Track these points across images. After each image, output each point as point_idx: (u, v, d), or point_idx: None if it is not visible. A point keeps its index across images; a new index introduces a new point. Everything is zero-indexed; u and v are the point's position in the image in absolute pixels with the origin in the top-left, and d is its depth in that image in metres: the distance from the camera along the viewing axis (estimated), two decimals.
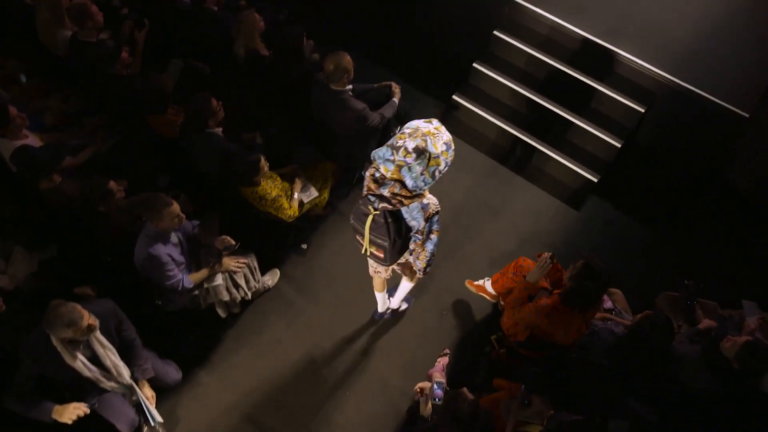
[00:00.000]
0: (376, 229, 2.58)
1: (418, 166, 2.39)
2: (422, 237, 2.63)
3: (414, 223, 2.59)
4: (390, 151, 2.44)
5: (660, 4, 4.32)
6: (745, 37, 4.14)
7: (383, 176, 2.46)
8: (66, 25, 3.98)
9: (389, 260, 2.71)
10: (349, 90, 3.65)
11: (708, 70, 3.92)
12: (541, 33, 4.39)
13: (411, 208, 2.53)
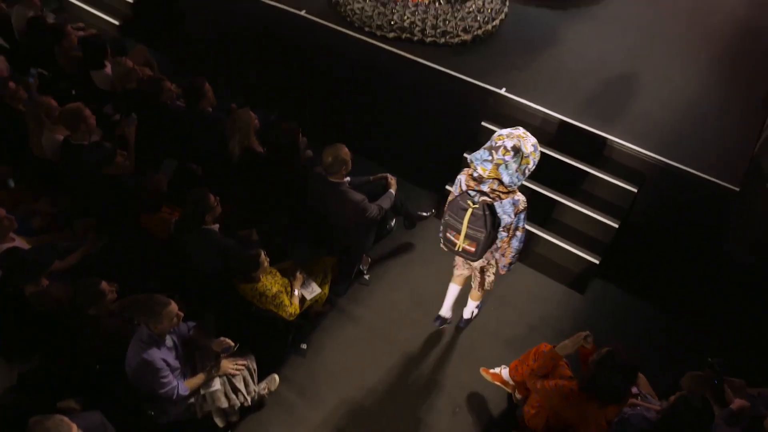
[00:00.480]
0: (474, 222, 2.88)
1: (513, 164, 2.78)
2: (508, 234, 3.02)
3: (505, 218, 2.93)
4: (488, 153, 2.84)
5: (639, 92, 4.56)
6: (724, 115, 4.36)
7: (481, 176, 2.86)
8: (56, 130, 3.98)
9: (479, 254, 2.98)
10: (348, 182, 3.65)
11: (693, 148, 4.06)
12: (528, 122, 4.55)
13: (504, 204, 2.89)
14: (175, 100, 4.36)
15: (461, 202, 2.89)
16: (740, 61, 5.00)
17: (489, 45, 5.07)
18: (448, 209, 2.98)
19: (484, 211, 2.84)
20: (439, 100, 4.95)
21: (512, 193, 2.90)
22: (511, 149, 2.77)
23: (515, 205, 2.91)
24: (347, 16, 5.23)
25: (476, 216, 2.86)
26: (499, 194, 2.86)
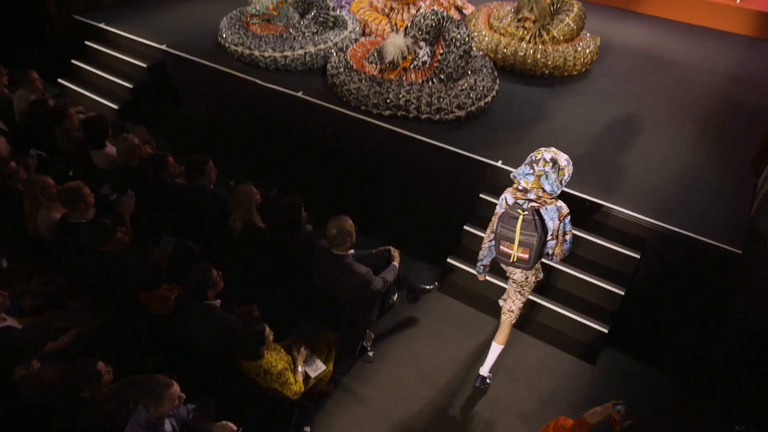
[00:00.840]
0: (526, 228, 3.22)
1: (552, 174, 3.21)
2: (556, 241, 3.36)
3: (550, 223, 3.28)
4: (529, 167, 3.27)
5: (631, 160, 4.69)
6: (715, 180, 4.48)
7: (525, 188, 3.26)
8: (53, 208, 3.93)
9: (533, 261, 3.30)
10: (352, 254, 3.61)
11: (690, 212, 4.13)
12: None
13: (549, 209, 3.27)
14: (175, 178, 4.38)
15: (512, 212, 3.26)
16: (723, 130, 5.22)
17: (482, 120, 5.24)
18: (499, 222, 3.33)
19: (533, 216, 3.21)
20: (436, 174, 5.03)
21: (554, 200, 3.29)
22: (549, 161, 3.22)
23: (559, 211, 3.30)
24: (343, 96, 5.41)
25: (527, 222, 3.22)
26: (545, 200, 3.26)
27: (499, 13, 6.36)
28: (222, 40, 6.24)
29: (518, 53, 5.92)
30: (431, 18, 5.36)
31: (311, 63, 5.96)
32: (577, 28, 6.02)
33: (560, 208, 3.29)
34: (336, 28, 6.21)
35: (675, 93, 5.81)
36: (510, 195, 3.36)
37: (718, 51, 6.73)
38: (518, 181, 3.30)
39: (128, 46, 6.79)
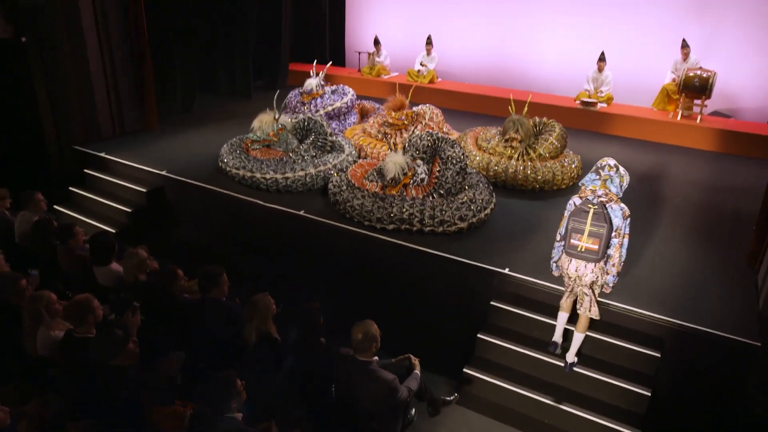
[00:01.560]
0: (596, 219, 3.74)
1: (616, 178, 3.87)
2: (619, 239, 3.83)
3: (616, 221, 3.78)
4: (595, 174, 3.91)
5: (631, 261, 4.82)
6: (716, 277, 4.62)
7: (593, 190, 3.85)
8: (54, 325, 3.78)
9: (601, 252, 3.76)
10: (377, 360, 3.51)
11: (703, 309, 4.20)
12: (534, 297, 4.65)
13: (614, 208, 3.79)
14: (183, 292, 4.31)
15: (584, 207, 3.80)
16: (711, 232, 5.51)
17: (484, 231, 5.41)
18: (571, 218, 3.85)
19: (603, 209, 3.73)
20: (445, 285, 5.06)
21: (618, 201, 3.83)
22: (613, 166, 3.90)
23: (622, 211, 3.82)
24: (347, 212, 5.56)
25: (597, 214, 3.74)
26: (612, 196, 3.81)
27: (486, 135, 6.84)
28: (223, 164, 6.48)
29: (509, 170, 6.28)
30: (427, 139, 5.74)
31: (311, 184, 6.18)
32: (560, 146, 6.48)
33: (623, 208, 3.83)
34: (334, 152, 6.55)
35: (658, 202, 6.16)
36: (578, 198, 3.92)
37: (689, 165, 7.27)
38: (586, 188, 3.89)
39: (127, 173, 6.99)
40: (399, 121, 6.95)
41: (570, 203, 3.97)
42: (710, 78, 7.69)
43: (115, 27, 7.60)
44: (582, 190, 3.92)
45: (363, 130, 7.33)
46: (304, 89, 7.93)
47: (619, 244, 3.86)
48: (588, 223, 3.75)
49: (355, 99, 8.08)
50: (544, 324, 4.48)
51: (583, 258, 3.82)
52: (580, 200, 3.87)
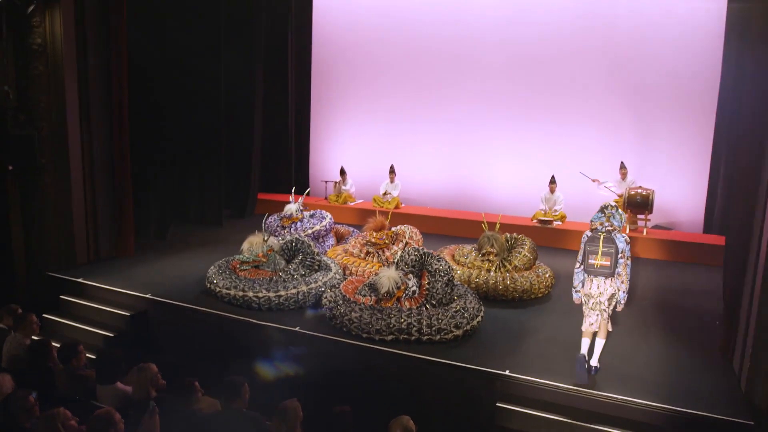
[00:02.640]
0: (606, 242, 4.91)
1: (617, 215, 5.06)
2: (624, 260, 4.97)
3: (621, 245, 4.94)
4: (600, 213, 5.08)
5: (614, 352, 5.23)
6: (693, 363, 5.06)
7: (601, 223, 5.03)
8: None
9: (612, 268, 4.93)
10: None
11: (697, 394, 4.58)
12: (537, 397, 4.90)
13: (618, 236, 4.96)
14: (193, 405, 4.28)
15: (596, 235, 4.98)
16: (682, 328, 6.04)
17: (477, 338, 5.72)
18: (587, 244, 5.02)
19: (610, 235, 4.92)
20: (448, 393, 5.22)
21: (620, 231, 5.05)
22: (614, 206, 5.13)
23: (624, 238, 4.99)
24: (344, 326, 5.77)
25: (606, 239, 4.91)
26: (615, 228, 4.99)
27: (462, 251, 7.40)
28: (212, 285, 6.61)
29: (489, 281, 6.77)
30: (414, 254, 6.21)
31: (303, 301, 6.39)
32: (533, 258, 7.10)
33: (625, 236, 5.02)
34: (321, 271, 6.85)
35: (628, 304, 6.73)
36: (589, 231, 5.09)
37: (643, 272, 8.02)
38: (594, 223, 5.07)
39: (107, 298, 6.97)
40: (381, 241, 7.42)
41: (584, 236, 5.11)
42: (650, 195, 8.78)
43: (99, 158, 7.95)
44: (592, 224, 5.10)
45: (345, 250, 7.73)
46: (284, 214, 8.37)
47: (625, 264, 4.98)
48: (600, 246, 4.93)
49: (333, 223, 8.57)
50: (551, 420, 4.70)
51: (600, 273, 4.97)
52: (591, 232, 5.06)
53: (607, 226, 5.00)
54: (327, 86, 12.21)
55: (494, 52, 10.62)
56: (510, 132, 10.69)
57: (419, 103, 11.35)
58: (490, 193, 10.80)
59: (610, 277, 4.95)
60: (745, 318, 5.01)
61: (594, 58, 9.96)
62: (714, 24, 9.10)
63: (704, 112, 9.33)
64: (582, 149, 10.04)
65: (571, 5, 10.04)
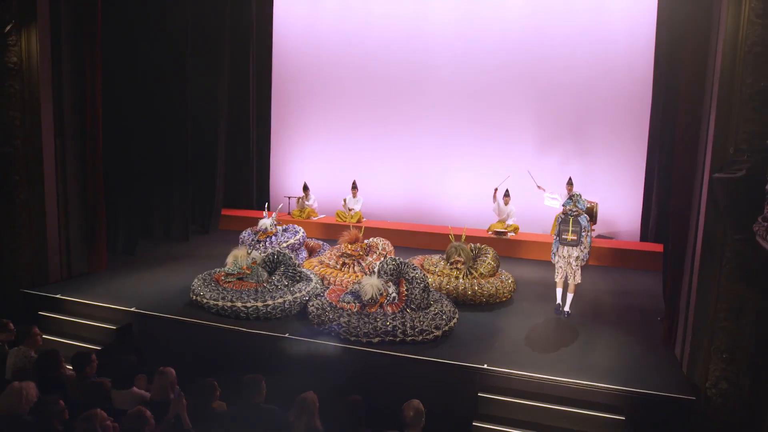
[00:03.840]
0: (574, 223, 6.84)
1: (580, 200, 6.96)
2: (586, 233, 6.90)
3: (584, 223, 6.88)
4: (569, 200, 7.03)
5: (586, 349, 6.01)
6: (647, 353, 5.89)
7: (570, 209, 6.91)
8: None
9: (578, 240, 6.86)
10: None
11: (648, 378, 5.40)
12: (515, 387, 5.58)
13: (581, 217, 6.86)
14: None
15: (567, 217, 6.89)
16: (630, 323, 6.89)
17: (454, 338, 6.37)
18: (561, 224, 6.95)
19: (576, 217, 6.83)
20: (433, 387, 5.80)
21: (583, 212, 6.92)
22: (578, 194, 7.03)
23: (585, 218, 6.93)
24: (332, 330, 6.26)
25: (575, 221, 6.83)
26: (579, 211, 6.87)
27: (431, 260, 8.07)
28: (198, 297, 6.95)
29: (459, 288, 7.45)
30: (392, 263, 6.80)
31: (289, 309, 6.84)
32: (496, 266, 7.85)
33: (585, 217, 6.91)
34: (302, 281, 7.32)
35: (580, 305, 7.58)
36: (562, 213, 7.02)
37: (590, 277, 8.92)
38: (565, 207, 6.95)
39: (87, 312, 7.16)
40: (355, 252, 7.97)
41: (558, 217, 7.17)
42: (594, 207, 9.79)
43: (72, 175, 8.10)
44: (564, 208, 6.98)
45: (320, 262, 8.22)
46: (258, 228, 8.77)
47: (587, 235, 6.91)
48: (570, 225, 6.84)
49: (305, 237, 9.04)
50: (526, 406, 5.39)
51: (570, 244, 6.90)
52: (564, 214, 6.95)
53: (574, 210, 6.87)
54: (287, 105, 12.70)
55: (447, 73, 11.49)
56: (464, 148, 11.54)
57: (378, 120, 12.04)
58: (446, 207, 11.58)
59: (578, 246, 6.88)
60: (683, 314, 5.91)
61: (538, 82, 10.99)
62: (645, 48, 10.30)
63: (637, 135, 10.52)
64: (530, 165, 11.00)
65: (518, 34, 11.05)
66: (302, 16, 12.48)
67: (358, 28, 12.04)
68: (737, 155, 4.86)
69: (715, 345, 5.17)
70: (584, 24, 10.71)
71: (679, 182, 6.07)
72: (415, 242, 10.62)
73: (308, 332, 6.42)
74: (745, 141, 4.91)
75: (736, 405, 5.10)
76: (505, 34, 11.16)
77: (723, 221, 5.00)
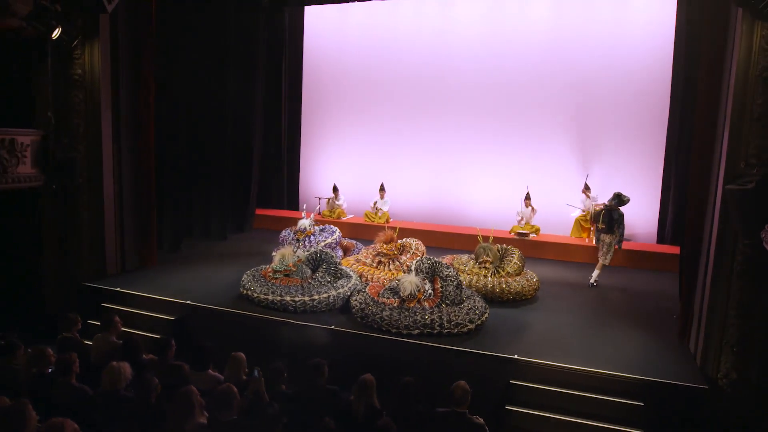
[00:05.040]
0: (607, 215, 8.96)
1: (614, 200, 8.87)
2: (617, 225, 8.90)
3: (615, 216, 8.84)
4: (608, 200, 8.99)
5: (605, 341, 6.64)
6: (666, 353, 6.52)
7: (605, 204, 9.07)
8: (202, 416, 4.67)
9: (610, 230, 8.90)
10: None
11: (665, 369, 6.02)
12: (544, 376, 6.22)
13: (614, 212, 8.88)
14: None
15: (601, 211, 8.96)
16: (648, 320, 7.50)
17: (486, 331, 7.02)
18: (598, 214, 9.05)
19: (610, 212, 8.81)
20: (468, 375, 6.38)
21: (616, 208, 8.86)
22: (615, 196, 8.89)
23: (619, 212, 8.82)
24: (374, 323, 6.94)
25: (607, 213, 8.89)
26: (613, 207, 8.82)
27: (460, 260, 8.72)
28: (248, 291, 7.65)
29: (488, 285, 8.10)
30: (427, 262, 7.47)
31: (334, 303, 7.53)
32: (521, 265, 8.50)
33: (620, 210, 8.68)
34: (343, 278, 8.00)
35: (598, 303, 8.21)
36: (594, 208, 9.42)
37: (608, 277, 9.54)
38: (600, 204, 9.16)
39: (145, 304, 7.86)
40: (390, 252, 8.65)
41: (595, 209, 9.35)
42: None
43: (127, 177, 8.84)
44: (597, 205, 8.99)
45: (357, 260, 8.90)
46: (298, 228, 9.46)
47: (617, 227, 8.77)
48: (601, 218, 8.87)
49: (340, 237, 9.73)
50: (552, 392, 6.04)
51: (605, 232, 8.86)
52: (598, 209, 9.02)
53: (609, 206, 8.77)
54: (317, 110, 13.42)
55: (472, 79, 12.15)
56: (487, 152, 12.19)
57: (403, 125, 12.72)
58: (470, 209, 12.23)
59: (610, 234, 8.75)
60: (697, 311, 6.53)
61: (561, 89, 11.61)
62: (663, 59, 10.89)
63: (655, 143, 11.12)
64: (551, 168, 11.62)
65: (542, 45, 11.67)
66: (331, 25, 13.17)
67: (385, 36, 12.71)
68: (747, 169, 5.47)
69: (726, 339, 5.80)
70: (604, 36, 11.32)
71: (694, 192, 6.69)
72: (438, 242, 11.27)
73: (351, 324, 7.11)
74: (755, 156, 5.52)
75: (745, 393, 5.71)
76: (529, 42, 11.79)
77: (734, 228, 5.62)
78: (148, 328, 7.61)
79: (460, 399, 4.75)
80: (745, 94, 5.66)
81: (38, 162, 7.83)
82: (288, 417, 4.70)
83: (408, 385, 5.04)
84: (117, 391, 4.92)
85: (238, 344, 7.38)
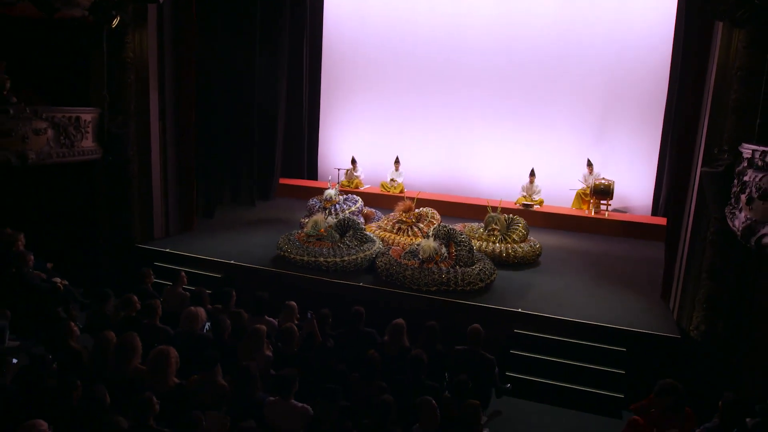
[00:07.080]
0: None
1: None
2: None
3: None
4: None
5: (599, 301, 7.86)
6: (655, 305, 7.74)
7: None
8: (268, 350, 5.91)
9: None
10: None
11: (647, 322, 7.25)
12: (543, 324, 7.45)
13: None
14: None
15: None
16: (637, 283, 8.70)
17: (494, 289, 8.23)
18: None
19: None
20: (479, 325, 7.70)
21: None
22: None
23: None
24: (397, 281, 8.14)
25: None
26: None
27: (471, 228, 9.91)
28: (286, 253, 8.84)
29: (496, 251, 9.30)
30: (444, 229, 8.64)
31: (361, 264, 8.73)
32: (526, 233, 9.68)
33: None
34: (368, 242, 9.18)
35: (593, 267, 9.41)
36: None
37: (605, 246, 10.75)
38: None
39: (195, 264, 9.06)
40: (408, 219, 9.83)
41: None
42: (611, 185, 11.54)
43: (171, 150, 9.96)
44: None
45: (378, 227, 10.09)
46: (324, 197, 10.62)
47: None
48: None
49: (363, 205, 10.90)
50: (549, 339, 7.27)
51: None
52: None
53: None
54: (335, 85, 14.44)
55: (486, 59, 13.15)
56: (498, 129, 13.28)
57: (418, 101, 13.77)
58: (480, 181, 13.37)
59: None
60: (677, 274, 7.71)
61: (568, 70, 12.61)
62: (662, 43, 11.88)
63: (653, 123, 12.18)
64: (556, 144, 12.71)
65: (553, 22, 12.63)
66: (350, 5, 14.09)
67: (401, 15, 13.65)
68: (720, 154, 6.58)
69: (698, 297, 7.00)
70: (610, 22, 12.29)
71: (677, 172, 7.82)
72: (450, 211, 12.42)
73: (377, 282, 8.32)
74: (728, 143, 6.61)
75: (712, 343, 6.93)
76: (539, 24, 12.75)
77: (708, 205, 6.76)
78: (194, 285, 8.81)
79: (474, 338, 5.97)
80: (723, 88, 6.73)
81: (98, 137, 8.93)
82: (339, 351, 5.95)
83: (432, 327, 6.27)
84: (194, 331, 6.14)
85: (281, 298, 8.72)
